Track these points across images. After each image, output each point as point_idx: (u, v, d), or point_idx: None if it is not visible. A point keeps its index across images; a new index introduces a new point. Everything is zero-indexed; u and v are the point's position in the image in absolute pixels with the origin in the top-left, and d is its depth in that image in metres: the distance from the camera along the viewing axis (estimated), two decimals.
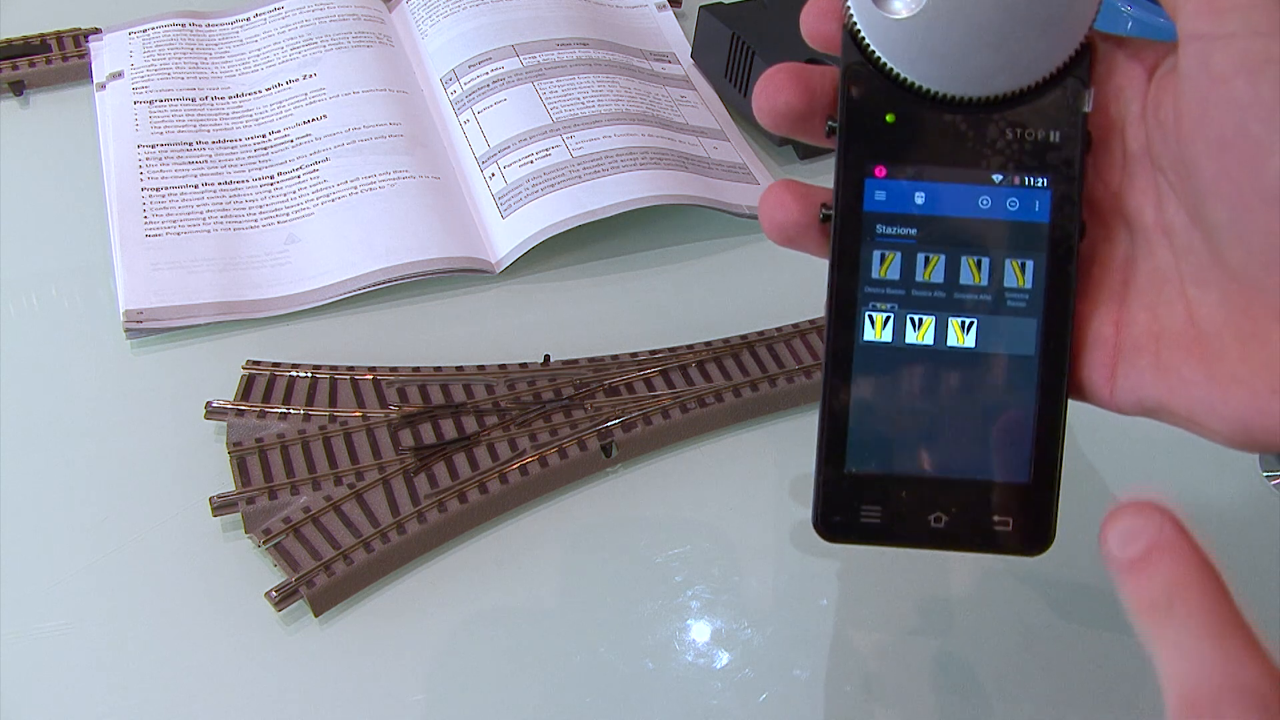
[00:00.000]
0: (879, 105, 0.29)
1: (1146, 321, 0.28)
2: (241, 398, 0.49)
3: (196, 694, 0.41)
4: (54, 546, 0.45)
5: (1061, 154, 0.28)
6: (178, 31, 0.68)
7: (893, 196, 0.29)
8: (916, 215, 0.29)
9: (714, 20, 0.66)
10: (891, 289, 0.29)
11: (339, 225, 0.58)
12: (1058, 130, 0.28)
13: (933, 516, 0.29)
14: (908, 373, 0.29)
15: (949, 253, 0.29)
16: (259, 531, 0.45)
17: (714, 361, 0.52)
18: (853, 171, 0.29)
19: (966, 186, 0.29)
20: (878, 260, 0.29)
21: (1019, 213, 0.29)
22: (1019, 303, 0.29)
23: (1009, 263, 0.29)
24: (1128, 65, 0.28)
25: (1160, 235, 0.28)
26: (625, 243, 0.59)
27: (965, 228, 0.29)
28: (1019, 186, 0.29)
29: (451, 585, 0.45)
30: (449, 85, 0.66)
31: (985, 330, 0.29)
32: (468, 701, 0.41)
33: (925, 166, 0.29)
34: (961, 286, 0.29)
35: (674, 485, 0.49)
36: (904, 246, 0.29)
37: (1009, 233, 0.29)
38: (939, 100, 0.28)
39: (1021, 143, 0.28)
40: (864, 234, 0.29)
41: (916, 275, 0.29)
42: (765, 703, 0.41)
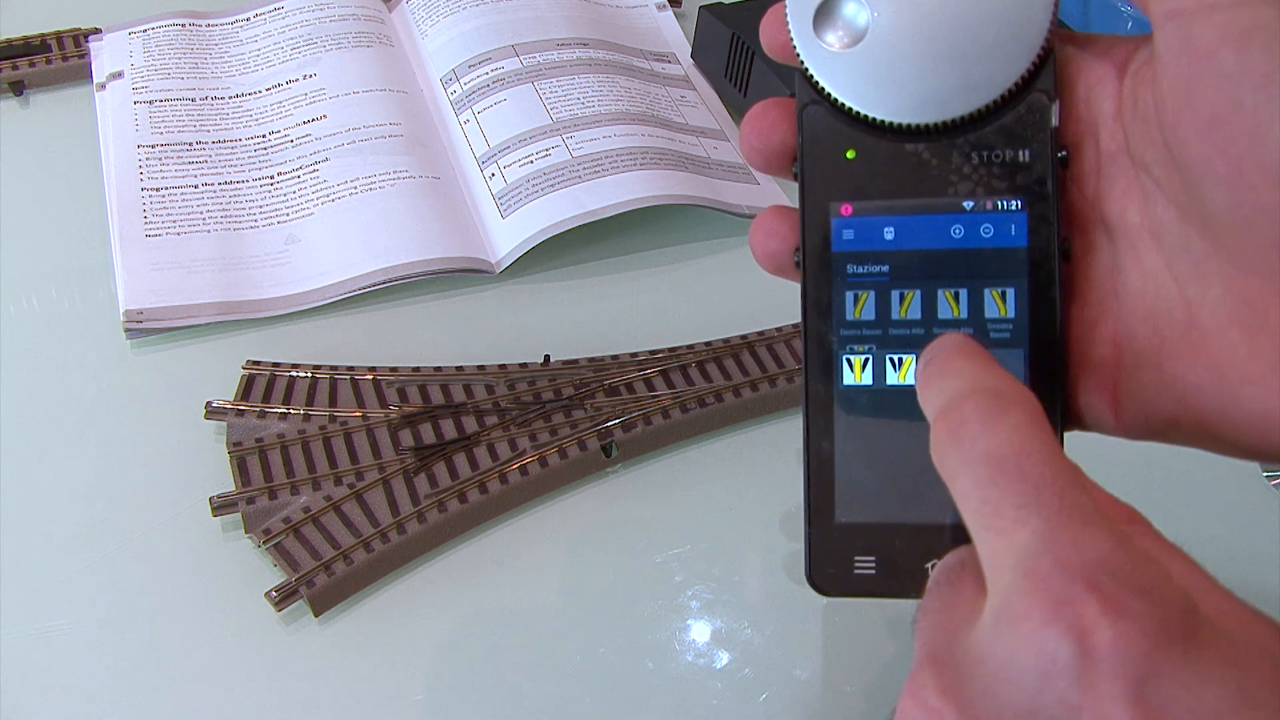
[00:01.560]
0: (837, 142, 0.28)
1: (1146, 334, 0.26)
2: (241, 398, 0.49)
3: (196, 694, 0.41)
4: (54, 546, 0.45)
5: (1033, 173, 0.27)
6: (178, 31, 0.68)
7: (861, 234, 0.28)
8: (887, 251, 0.28)
9: (714, 20, 0.66)
10: (868, 330, 0.28)
11: (339, 225, 0.58)
12: (1026, 148, 0.27)
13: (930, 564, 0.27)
14: (892, 416, 0.28)
15: (924, 287, 0.28)
16: (259, 531, 0.45)
17: (714, 361, 0.52)
18: (817, 212, 0.28)
19: (936, 216, 0.27)
20: (851, 301, 0.28)
21: (994, 239, 0.27)
22: (1003, 333, 0.27)
23: (988, 292, 0.27)
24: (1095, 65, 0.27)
25: (1147, 238, 0.26)
26: (625, 243, 0.59)
27: (939, 260, 0.27)
28: (991, 211, 0.27)
29: (451, 585, 0.45)
30: (449, 85, 0.66)
31: None
32: (468, 701, 0.41)
33: (892, 200, 0.28)
34: (941, 321, 0.28)
35: (674, 485, 0.49)
36: (877, 285, 0.28)
37: (986, 261, 0.27)
38: (897, 130, 0.27)
39: (989, 165, 0.27)
40: (834, 275, 0.28)
41: (893, 313, 0.28)
42: (765, 703, 0.41)
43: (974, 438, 0.22)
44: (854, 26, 0.27)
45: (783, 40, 0.28)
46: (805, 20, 0.27)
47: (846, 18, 0.27)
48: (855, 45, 0.27)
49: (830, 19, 0.27)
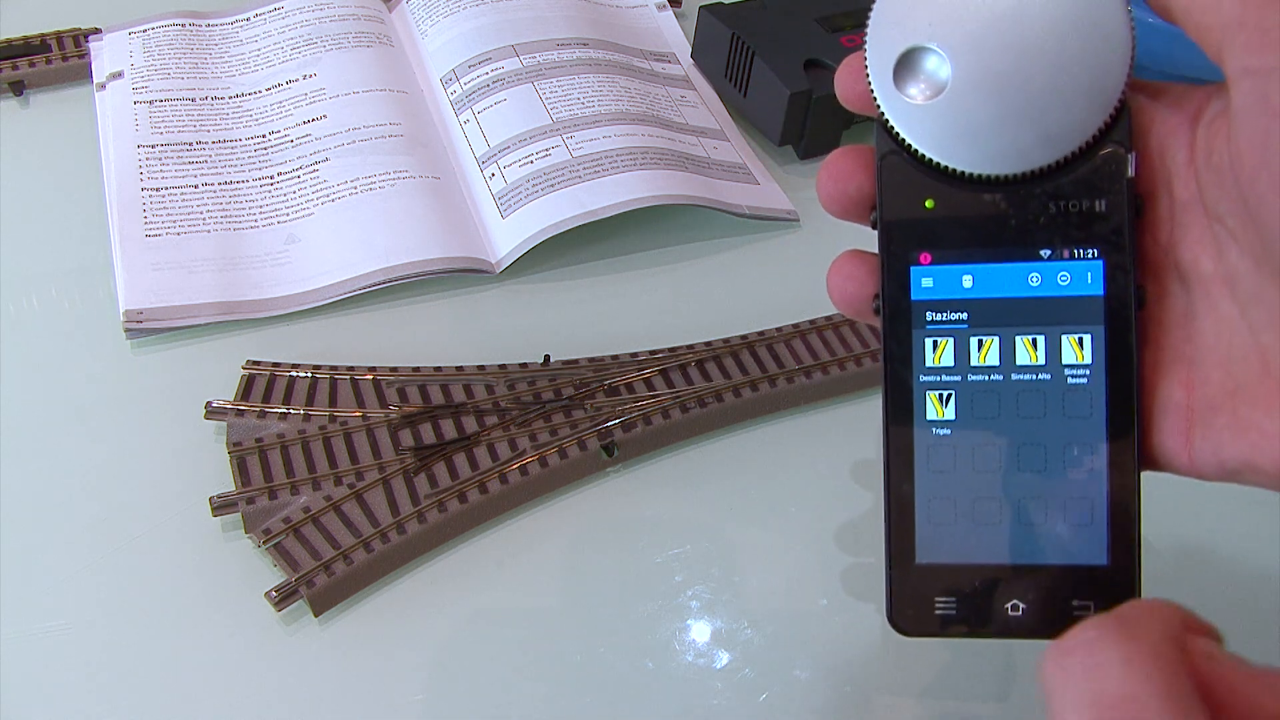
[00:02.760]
0: (917, 192, 0.28)
1: (1220, 379, 0.27)
2: (241, 398, 0.49)
3: (196, 694, 0.41)
4: (54, 546, 0.45)
5: (1109, 223, 0.27)
6: (178, 31, 0.68)
7: (940, 282, 0.28)
8: (966, 299, 0.28)
9: (714, 20, 0.66)
10: (947, 375, 0.28)
11: (339, 225, 0.58)
12: (1103, 198, 0.27)
13: (1009, 605, 0.28)
14: (974, 458, 0.28)
15: (1003, 334, 0.28)
16: (259, 531, 0.45)
17: (714, 361, 0.52)
18: (897, 261, 0.29)
19: (1014, 265, 0.28)
20: (930, 348, 0.28)
21: (1071, 287, 0.28)
22: (1080, 379, 0.28)
23: (1066, 339, 0.28)
24: (1168, 115, 0.27)
25: (1221, 286, 0.27)
26: (625, 243, 0.59)
27: (1017, 307, 0.28)
28: (1069, 260, 0.28)
29: (451, 585, 0.45)
30: (449, 85, 0.66)
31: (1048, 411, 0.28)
32: (468, 701, 0.41)
33: (970, 249, 0.28)
34: (1019, 368, 0.28)
35: (674, 485, 0.49)
36: (956, 332, 0.28)
37: (1063, 308, 0.28)
38: (976, 181, 0.28)
39: (1067, 215, 0.28)
40: (914, 323, 0.28)
41: (972, 360, 0.28)
42: (765, 703, 0.41)
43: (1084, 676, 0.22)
44: (935, 79, 0.28)
45: (860, 91, 0.29)
46: (886, 72, 0.28)
47: (927, 70, 0.28)
48: (935, 97, 0.28)
49: (911, 71, 0.28)
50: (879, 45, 0.28)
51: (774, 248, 0.60)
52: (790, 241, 0.60)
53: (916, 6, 0.28)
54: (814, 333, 0.53)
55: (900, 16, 0.28)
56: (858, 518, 0.47)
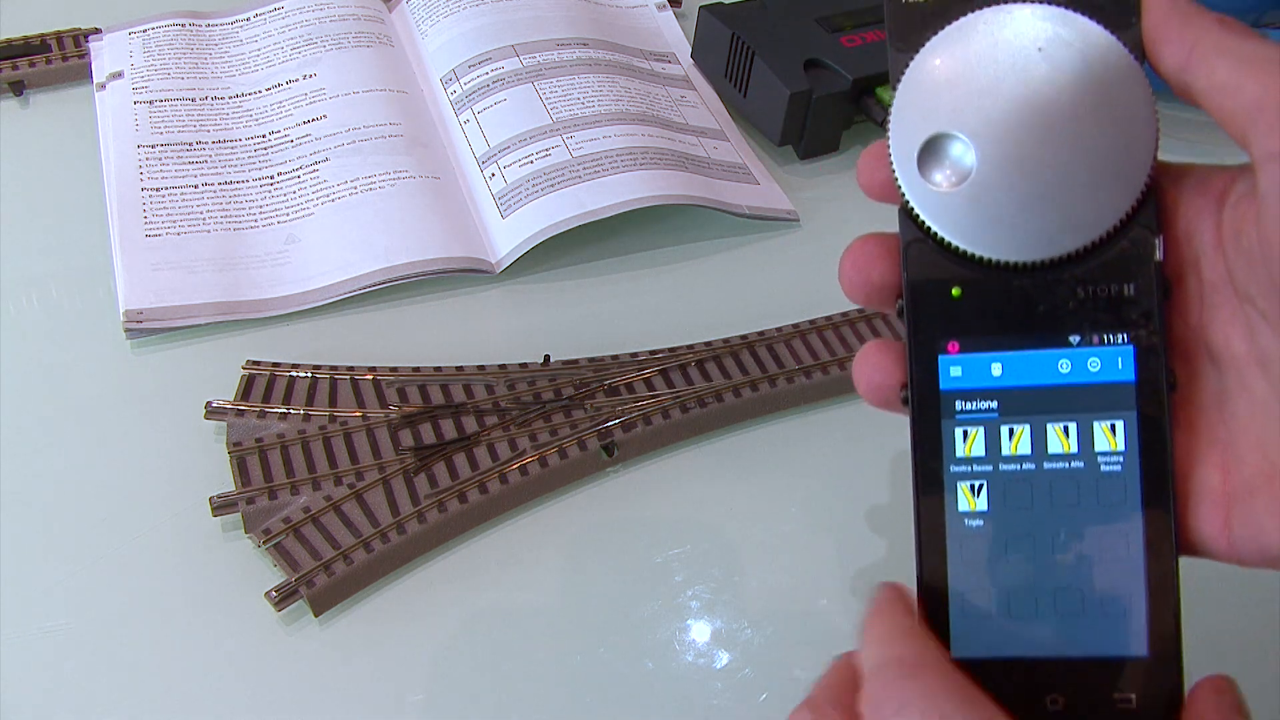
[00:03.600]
0: (943, 279, 0.28)
1: (1256, 461, 0.26)
2: (241, 398, 0.49)
3: (196, 694, 0.41)
4: (54, 546, 0.45)
5: (1139, 307, 0.27)
6: (178, 31, 0.68)
7: (969, 371, 0.28)
8: (995, 388, 0.28)
9: (714, 20, 0.66)
10: (979, 465, 0.28)
11: (339, 225, 0.58)
12: (1131, 282, 0.27)
13: (1049, 699, 0.27)
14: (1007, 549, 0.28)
15: (1034, 423, 0.28)
16: (259, 531, 0.45)
17: (714, 361, 0.52)
18: (925, 350, 0.28)
19: (1044, 352, 0.28)
20: (961, 438, 0.28)
21: (1102, 373, 0.27)
22: (1114, 466, 0.27)
23: (1098, 426, 0.27)
24: (1194, 196, 0.27)
25: (1254, 367, 0.26)
26: (625, 243, 0.59)
27: (1048, 395, 0.27)
28: (1099, 346, 0.27)
29: (451, 585, 0.45)
30: (449, 85, 0.66)
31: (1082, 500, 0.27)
32: (468, 701, 0.41)
33: (998, 336, 0.28)
34: (1051, 456, 0.27)
35: (674, 485, 0.49)
36: (986, 422, 0.28)
37: (1094, 395, 0.27)
38: (1004, 268, 0.27)
39: (1095, 300, 0.27)
40: (944, 413, 0.28)
41: (1003, 450, 0.28)
42: (765, 703, 0.41)
43: None
44: (959, 166, 0.27)
45: (882, 179, 0.28)
46: (909, 159, 0.28)
47: (952, 158, 0.27)
48: (960, 185, 0.27)
49: (935, 159, 0.28)
50: (902, 132, 0.28)
51: (774, 248, 0.60)
52: (790, 241, 0.60)
53: (940, 93, 0.27)
54: (814, 333, 0.53)
55: (924, 103, 0.28)
56: (858, 518, 0.47)
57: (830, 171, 0.64)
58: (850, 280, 0.29)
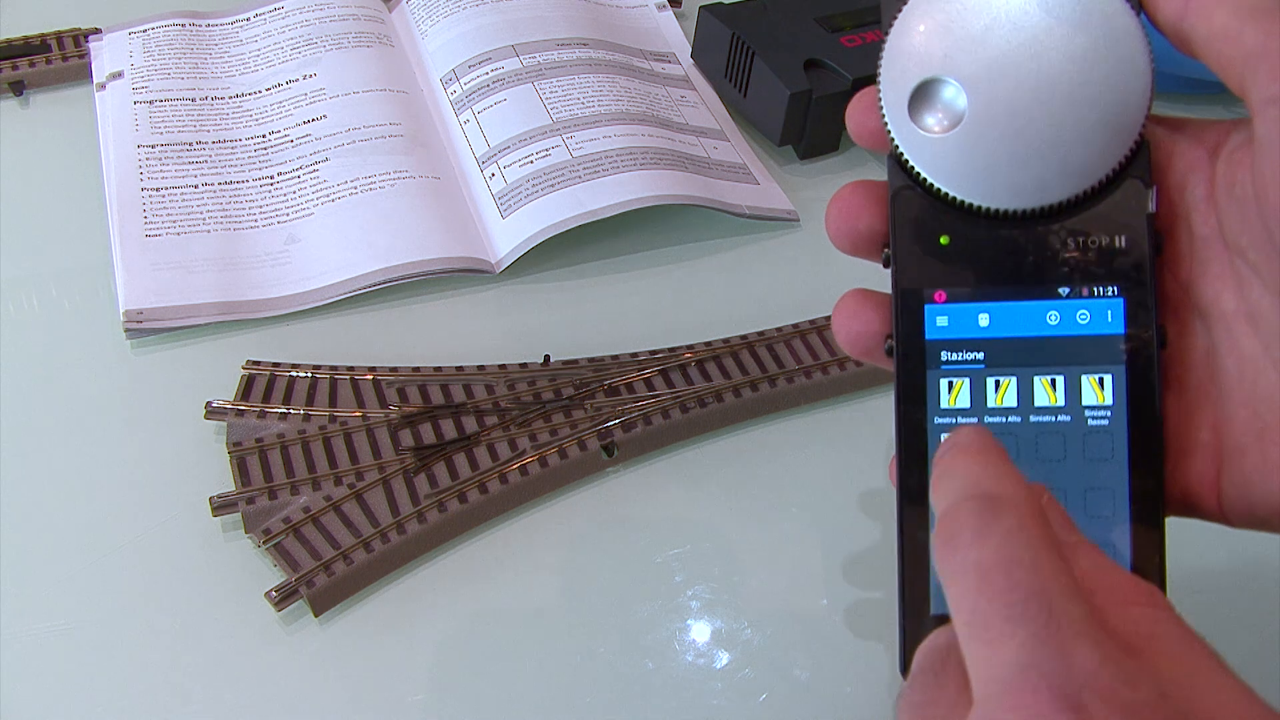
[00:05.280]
0: (931, 227, 0.27)
1: (1246, 419, 0.26)
2: (241, 398, 0.49)
3: (197, 694, 0.41)
4: (54, 546, 0.45)
5: (1130, 259, 0.27)
6: (178, 31, 0.68)
7: (955, 321, 0.27)
8: (982, 339, 0.27)
9: (714, 20, 0.66)
10: (963, 418, 0.27)
11: (339, 225, 0.58)
12: (1123, 234, 0.26)
13: None
14: None
15: (1020, 375, 0.27)
16: (259, 531, 0.45)
17: (714, 361, 0.52)
18: (911, 299, 0.27)
19: (1032, 303, 0.27)
20: (945, 389, 0.27)
21: (1091, 326, 0.27)
22: (1101, 420, 0.27)
23: (1086, 379, 0.27)
24: (1188, 149, 0.27)
25: (1243, 323, 0.26)
26: (625, 243, 0.59)
27: (1035, 347, 0.27)
28: (1088, 298, 0.27)
29: (451, 585, 0.45)
30: (449, 85, 0.66)
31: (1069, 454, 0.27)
32: (468, 701, 0.41)
33: (986, 286, 0.27)
34: (1038, 409, 0.27)
35: (674, 485, 0.49)
36: (972, 373, 0.27)
37: (1083, 348, 0.27)
38: (993, 216, 0.27)
39: (1085, 251, 0.27)
40: (928, 363, 0.27)
41: (988, 401, 0.27)
42: (765, 703, 0.41)
43: (966, 546, 0.21)
44: (951, 111, 0.27)
45: (871, 126, 0.28)
46: (901, 104, 0.27)
47: (944, 102, 0.27)
48: (952, 130, 0.27)
49: (926, 103, 0.27)
50: (893, 77, 0.27)
51: (774, 248, 0.60)
52: (790, 241, 0.60)
53: (932, 38, 0.27)
54: (814, 333, 0.53)
55: (915, 48, 0.27)
56: (858, 518, 0.47)
57: (830, 171, 0.64)
58: (837, 228, 0.29)
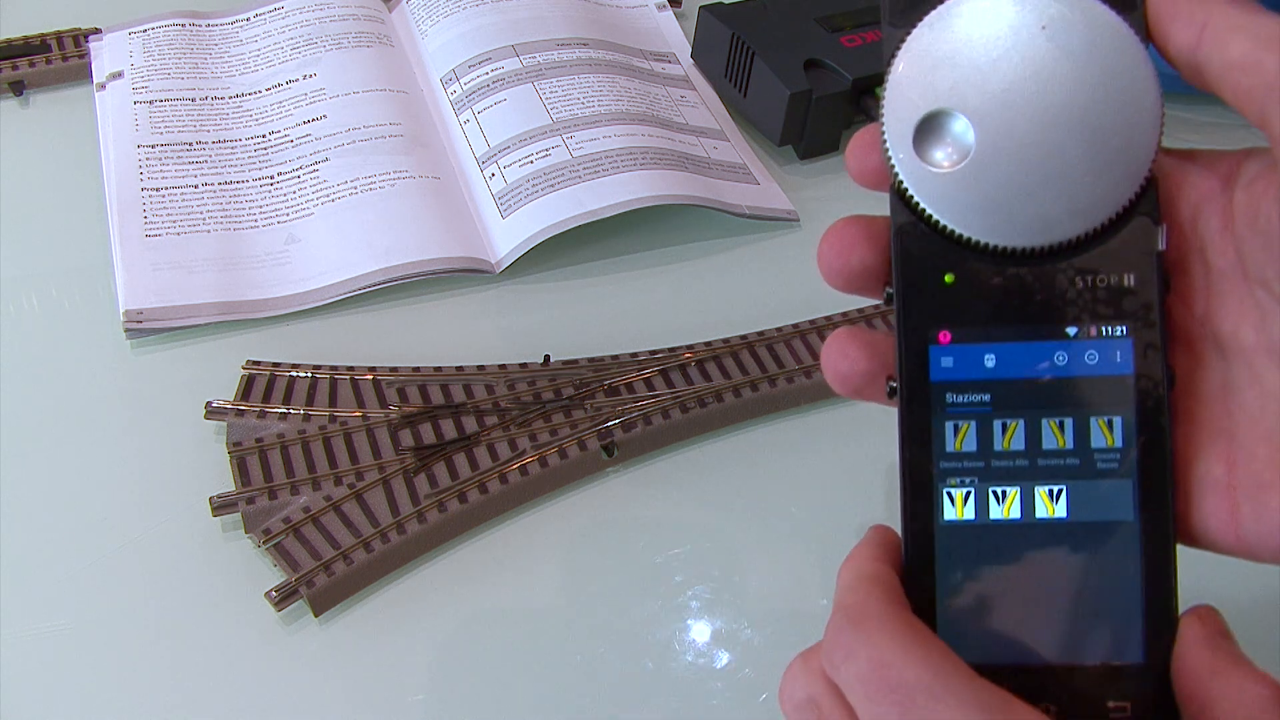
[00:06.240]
0: (936, 265, 0.27)
1: (1267, 454, 0.25)
2: (241, 398, 0.49)
3: (197, 694, 0.41)
4: (54, 546, 0.45)
5: (1139, 298, 0.26)
6: (178, 31, 0.68)
7: (961, 362, 0.27)
8: (988, 380, 0.27)
9: (714, 20, 0.66)
10: (969, 462, 0.27)
11: (339, 225, 0.58)
12: (1131, 273, 0.26)
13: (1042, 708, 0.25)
14: (996, 553, 0.26)
15: (1028, 417, 0.26)
16: (259, 531, 0.45)
17: (714, 361, 0.52)
18: (915, 339, 0.27)
19: (1039, 344, 0.26)
20: (951, 432, 0.27)
21: (1099, 366, 0.26)
22: (1110, 464, 0.26)
23: (1095, 421, 0.26)
24: (1199, 181, 0.26)
25: (1264, 356, 0.25)
26: (625, 243, 0.59)
27: (1043, 388, 0.26)
28: (1096, 338, 0.26)
29: (451, 585, 0.45)
30: (449, 85, 0.66)
31: (1077, 498, 0.26)
32: (468, 701, 0.41)
33: (992, 326, 0.26)
34: (1045, 452, 0.26)
35: (674, 485, 0.49)
36: (978, 415, 0.27)
37: (1091, 389, 0.26)
38: (999, 254, 0.26)
39: (1094, 291, 0.26)
40: (933, 406, 0.27)
41: (995, 445, 0.26)
42: (765, 703, 0.41)
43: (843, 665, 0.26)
44: (957, 146, 0.26)
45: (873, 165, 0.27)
46: (905, 137, 0.26)
47: (950, 136, 0.26)
48: (958, 165, 0.26)
49: (932, 137, 0.26)
50: (898, 109, 0.27)
51: (774, 248, 0.60)
52: (790, 241, 0.60)
53: (938, 70, 0.26)
54: (814, 333, 0.53)
55: (922, 80, 0.26)
56: (858, 517, 0.47)
57: (830, 171, 0.64)
58: (829, 264, 0.28)
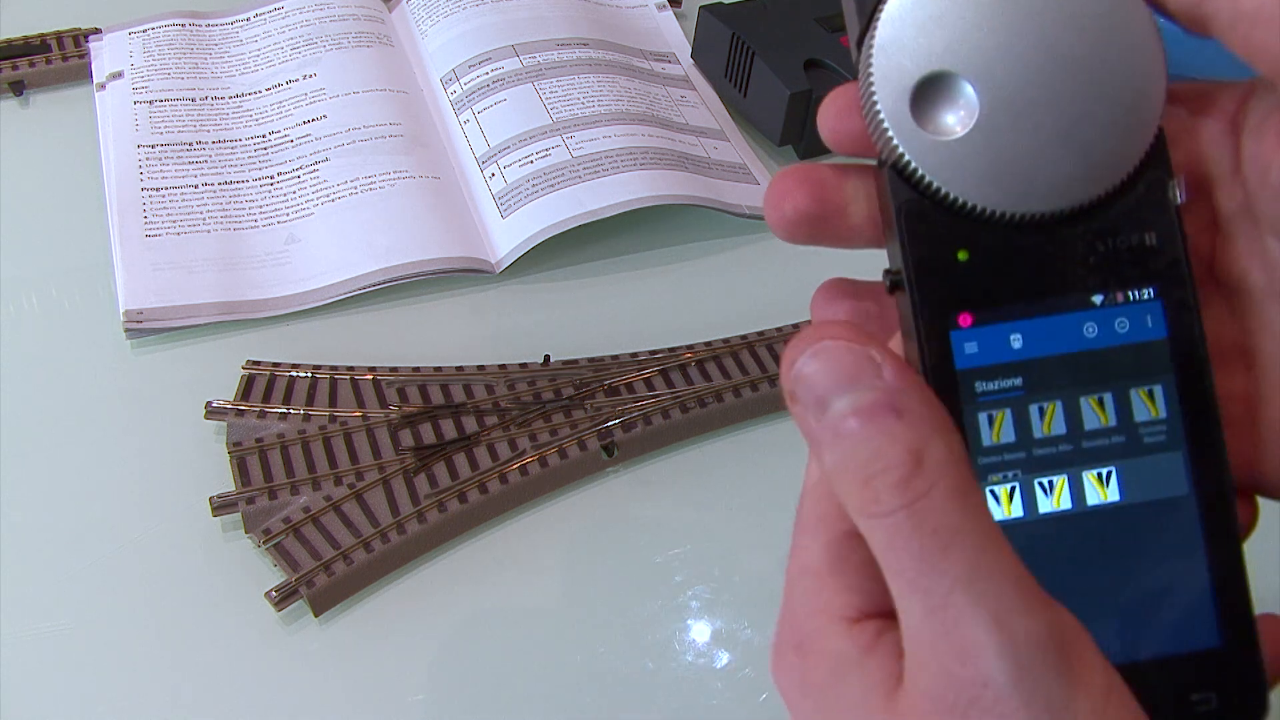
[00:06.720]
0: (947, 243, 0.24)
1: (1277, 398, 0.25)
2: (241, 398, 0.49)
3: (197, 694, 0.41)
4: (54, 546, 0.45)
5: (1164, 257, 0.24)
6: (178, 31, 0.68)
7: (986, 346, 0.25)
8: (1018, 361, 0.25)
9: (714, 20, 0.66)
10: (1010, 454, 0.25)
11: (339, 225, 0.58)
12: (1153, 231, 0.24)
13: None
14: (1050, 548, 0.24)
15: (1065, 396, 0.25)
16: (259, 531, 0.45)
17: (714, 361, 0.52)
18: (934, 325, 0.24)
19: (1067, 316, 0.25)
20: (986, 423, 0.25)
21: (1132, 333, 0.25)
22: (1158, 436, 0.24)
23: (1135, 393, 0.25)
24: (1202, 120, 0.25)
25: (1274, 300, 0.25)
26: (625, 243, 0.59)
27: (1076, 364, 0.25)
28: (1125, 304, 0.25)
29: (451, 585, 0.45)
30: (449, 85, 0.66)
31: (1128, 478, 0.25)
32: (468, 701, 0.41)
33: (1015, 303, 0.24)
34: (1089, 433, 0.25)
35: (674, 485, 0.49)
36: (1013, 401, 0.25)
37: (1127, 358, 0.25)
38: (1017, 223, 0.24)
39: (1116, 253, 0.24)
40: (963, 396, 0.24)
41: (1035, 431, 0.25)
42: (765, 703, 0.41)
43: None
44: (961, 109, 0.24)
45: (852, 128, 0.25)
46: (901, 104, 0.24)
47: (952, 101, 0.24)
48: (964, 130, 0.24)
49: (932, 102, 0.24)
50: (889, 73, 0.24)
51: (774, 248, 0.59)
52: None
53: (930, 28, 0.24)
54: None
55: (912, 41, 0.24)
56: None
57: None
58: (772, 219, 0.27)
